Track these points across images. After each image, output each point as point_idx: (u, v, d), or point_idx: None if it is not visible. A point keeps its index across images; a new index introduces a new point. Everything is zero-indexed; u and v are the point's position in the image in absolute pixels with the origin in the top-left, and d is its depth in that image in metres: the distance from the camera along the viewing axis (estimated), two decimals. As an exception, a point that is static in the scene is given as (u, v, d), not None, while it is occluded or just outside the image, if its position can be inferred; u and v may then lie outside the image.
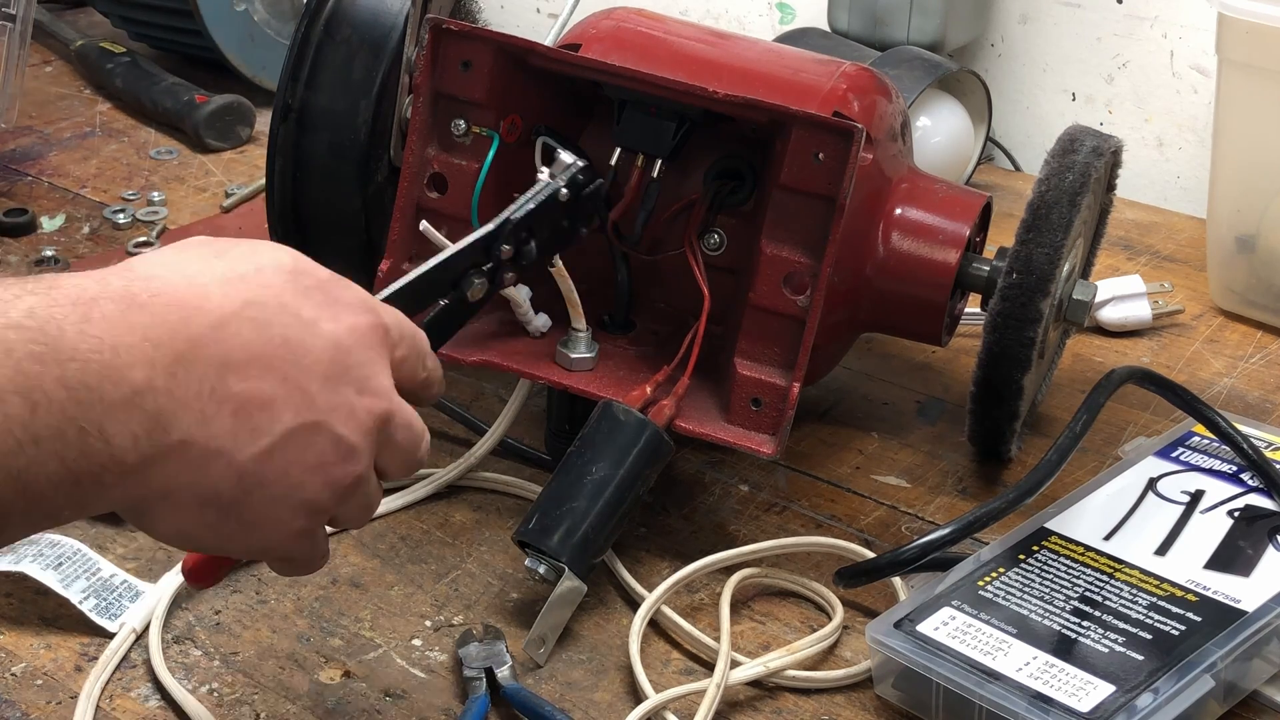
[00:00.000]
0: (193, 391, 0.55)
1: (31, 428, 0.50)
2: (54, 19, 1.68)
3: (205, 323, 0.56)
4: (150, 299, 0.55)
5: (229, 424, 0.56)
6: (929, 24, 1.34)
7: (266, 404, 0.57)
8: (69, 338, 0.52)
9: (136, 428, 0.53)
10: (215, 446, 0.56)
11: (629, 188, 0.89)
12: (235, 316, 0.57)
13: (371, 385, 0.61)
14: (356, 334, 0.61)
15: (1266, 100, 1.07)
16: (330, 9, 0.97)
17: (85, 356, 0.52)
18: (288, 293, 0.59)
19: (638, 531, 0.89)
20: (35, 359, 0.50)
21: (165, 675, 0.77)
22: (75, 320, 0.52)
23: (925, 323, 0.94)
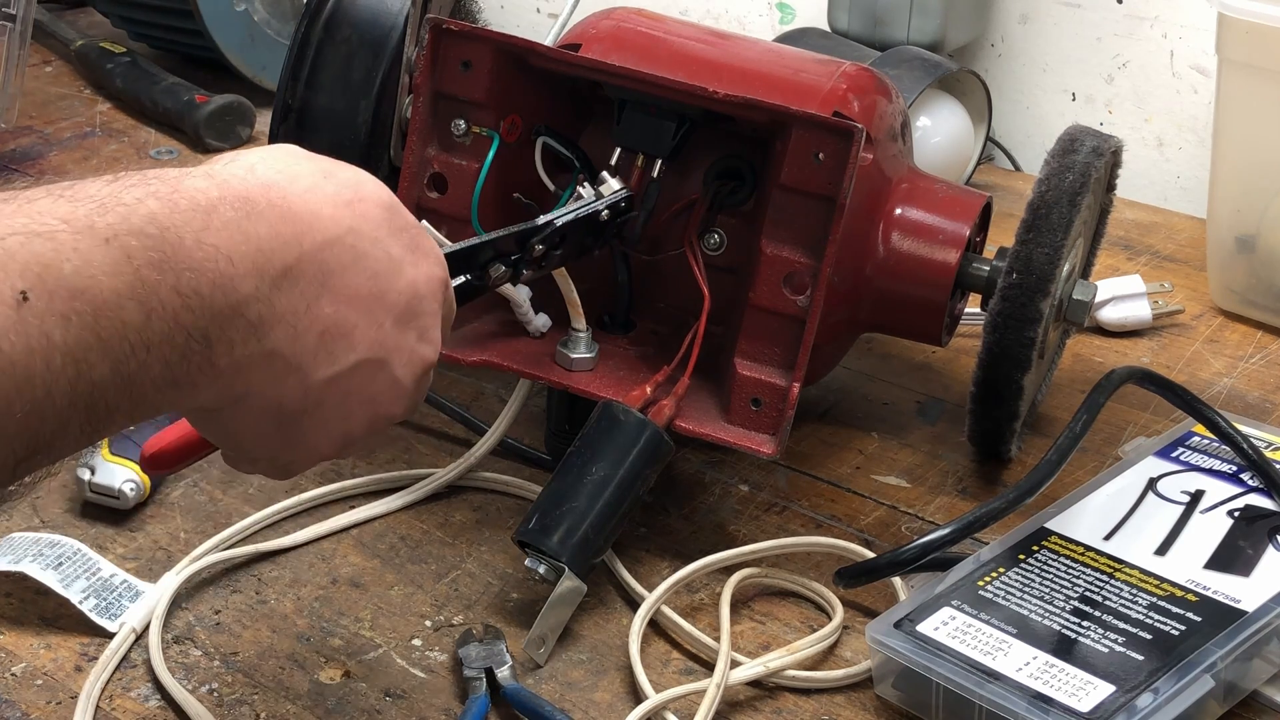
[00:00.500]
0: (290, 306, 0.57)
1: (145, 334, 0.51)
2: (54, 19, 1.68)
3: (314, 241, 0.57)
4: (268, 207, 0.56)
5: (313, 343, 0.58)
6: (929, 24, 1.34)
7: (348, 332, 0.59)
8: (187, 246, 0.53)
9: (235, 335, 0.55)
10: (297, 362, 0.58)
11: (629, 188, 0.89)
12: (338, 241, 0.58)
13: (430, 335, 0.64)
14: (431, 284, 0.63)
15: (1266, 100, 1.07)
16: (330, 9, 0.97)
17: (200, 266, 0.53)
18: (383, 229, 0.61)
19: (638, 531, 0.89)
20: (154, 266, 0.51)
21: (165, 675, 0.77)
22: (195, 228, 0.53)
23: (925, 323, 0.94)
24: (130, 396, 0.52)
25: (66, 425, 0.50)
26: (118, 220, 0.51)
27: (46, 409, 0.49)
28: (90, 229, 0.50)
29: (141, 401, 0.53)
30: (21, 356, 0.48)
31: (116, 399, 0.51)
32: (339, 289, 0.59)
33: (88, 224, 0.50)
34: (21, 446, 0.49)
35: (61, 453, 0.52)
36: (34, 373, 0.48)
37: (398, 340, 0.62)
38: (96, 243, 0.50)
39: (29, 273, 0.48)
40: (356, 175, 0.62)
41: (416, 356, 0.63)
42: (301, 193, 0.58)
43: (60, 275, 0.49)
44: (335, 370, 0.59)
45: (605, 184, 0.84)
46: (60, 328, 0.49)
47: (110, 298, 0.50)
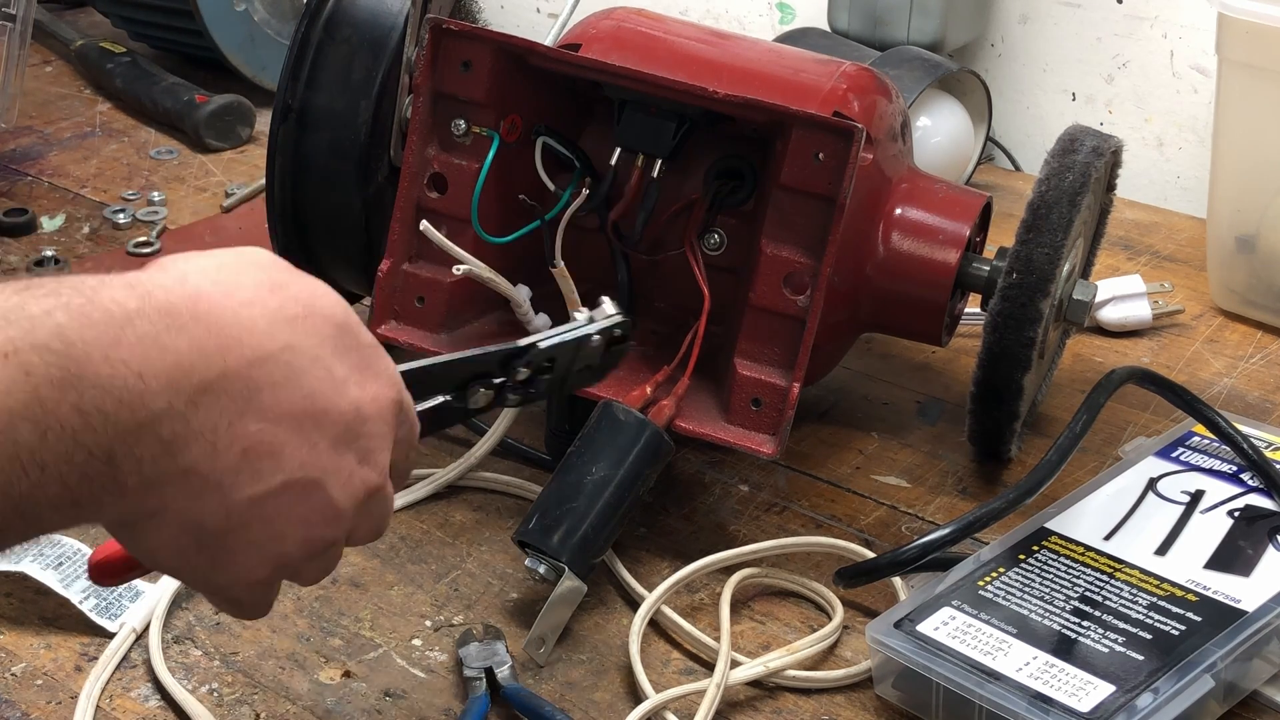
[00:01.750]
0: (210, 423, 0.54)
1: (39, 454, 0.49)
2: (54, 19, 1.68)
3: (242, 358, 0.55)
4: (192, 320, 0.53)
5: (235, 462, 0.55)
6: (929, 24, 1.34)
7: (275, 451, 0.56)
8: (94, 362, 0.50)
9: (145, 453, 0.52)
10: (215, 480, 0.55)
11: (629, 188, 0.89)
12: (271, 358, 0.56)
13: (374, 458, 0.60)
14: (377, 405, 0.60)
15: (1266, 100, 1.07)
16: (330, 9, 0.97)
17: (107, 383, 0.50)
18: (328, 346, 0.58)
19: (638, 531, 0.89)
20: (54, 385, 0.49)
21: (165, 675, 0.77)
22: (105, 343, 0.50)
23: (925, 323, 0.94)
24: (22, 517, 0.50)
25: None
26: (19, 335, 0.49)
27: None
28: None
29: (36, 521, 0.51)
30: None
31: (7, 519, 0.49)
32: (267, 407, 0.55)
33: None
34: None
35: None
36: None
37: (334, 462, 0.58)
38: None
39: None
40: (312, 289, 0.58)
41: (356, 479, 0.59)
42: (236, 306, 0.55)
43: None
44: (260, 489, 0.56)
45: (600, 308, 0.77)
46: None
47: (2, 416, 0.47)
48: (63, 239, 1.25)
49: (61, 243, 1.24)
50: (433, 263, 0.90)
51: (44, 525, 0.51)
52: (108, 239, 1.25)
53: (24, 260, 1.20)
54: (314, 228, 0.98)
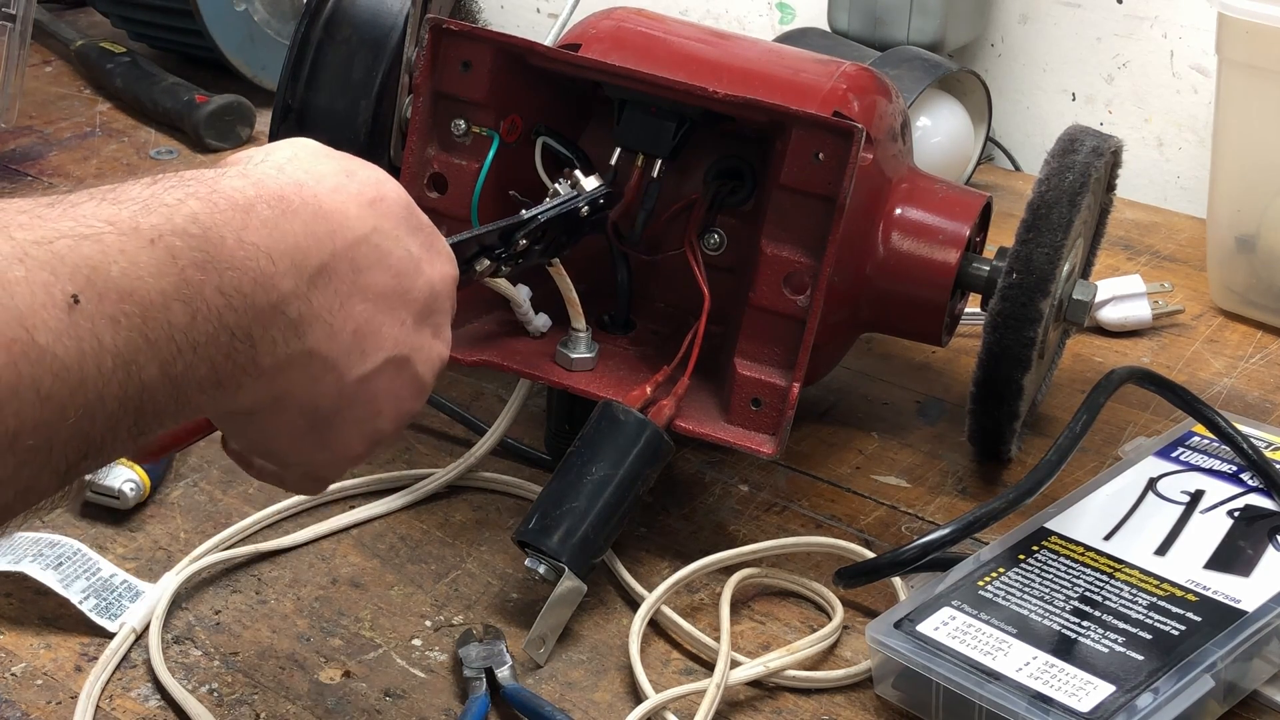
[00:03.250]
0: (327, 304, 0.58)
1: (191, 334, 0.51)
2: (54, 19, 1.68)
3: (344, 239, 0.58)
4: (301, 205, 0.57)
5: (348, 341, 0.59)
6: (929, 24, 1.34)
7: (377, 330, 0.60)
8: (229, 245, 0.53)
9: (278, 333, 0.55)
10: (333, 360, 0.59)
11: (629, 188, 0.89)
12: (365, 240, 0.59)
13: (443, 333, 0.65)
14: (445, 282, 0.65)
15: (1266, 100, 1.07)
16: (330, 9, 0.97)
17: (242, 264, 0.53)
18: (403, 227, 0.62)
19: (638, 531, 0.89)
20: (198, 267, 0.52)
21: (165, 675, 0.77)
22: (235, 227, 0.54)
23: (925, 323, 0.94)
24: (176, 398, 0.52)
25: (116, 429, 0.50)
26: (161, 221, 0.51)
27: (98, 412, 0.49)
28: (135, 230, 0.50)
29: (186, 404, 0.53)
30: (74, 360, 0.48)
31: (164, 401, 0.52)
32: (368, 287, 0.59)
33: (133, 225, 0.51)
34: (74, 451, 0.49)
35: (110, 457, 0.52)
36: (87, 376, 0.48)
37: (418, 338, 0.63)
38: (142, 244, 0.50)
39: (78, 276, 0.48)
40: (376, 174, 0.62)
41: (434, 353, 0.64)
42: (329, 191, 0.59)
43: (108, 277, 0.49)
44: (367, 368, 0.60)
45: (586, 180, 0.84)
46: (110, 331, 0.49)
47: (157, 299, 0.50)
48: (63, 239, 1.25)
49: (61, 243, 1.24)
50: (433, 263, 0.90)
51: (191, 407, 0.54)
52: (108, 239, 1.25)
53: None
54: (314, 228, 0.98)
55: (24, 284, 0.47)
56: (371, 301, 0.60)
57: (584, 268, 0.89)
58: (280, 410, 0.59)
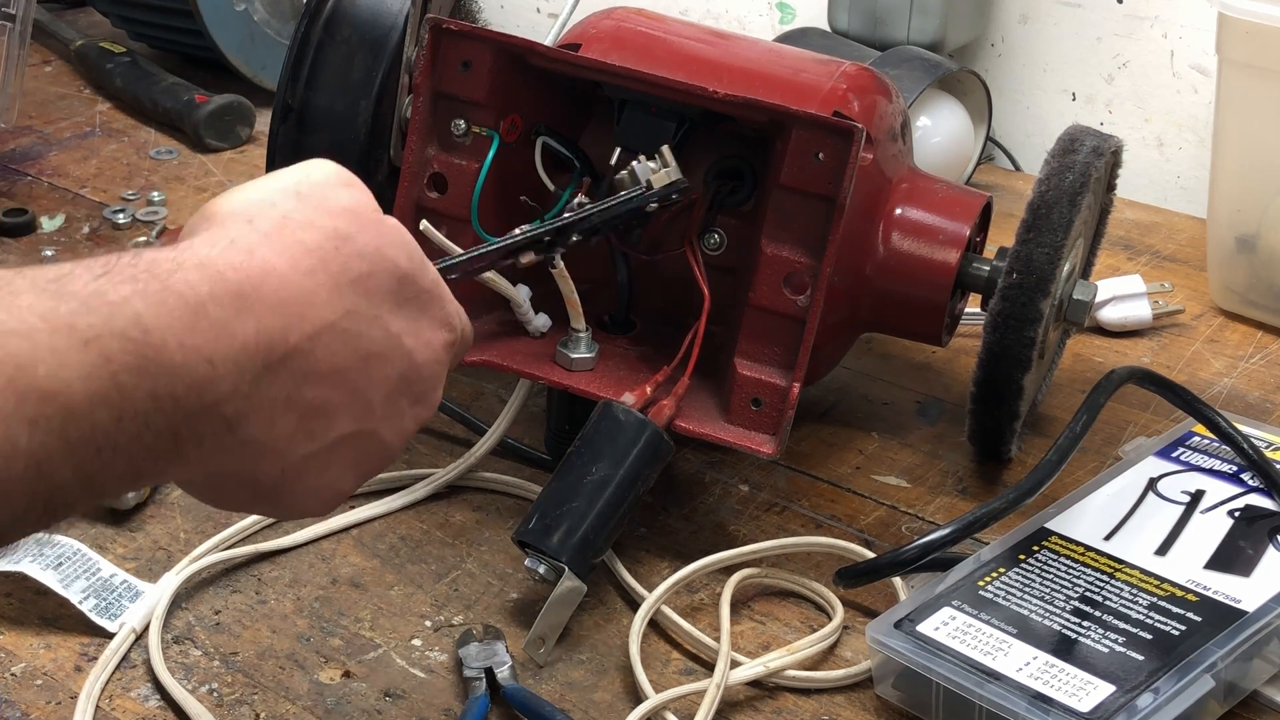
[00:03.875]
0: (269, 397, 0.55)
1: (114, 437, 0.50)
2: (54, 19, 1.68)
3: (303, 332, 0.55)
4: (258, 302, 0.54)
5: (291, 428, 0.56)
6: (929, 24, 1.34)
7: (330, 412, 0.58)
8: (169, 350, 0.51)
9: (207, 430, 0.53)
10: (272, 446, 0.56)
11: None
12: (331, 327, 0.56)
13: (427, 398, 0.62)
14: (431, 351, 0.61)
15: (1266, 100, 1.07)
16: (330, 9, 0.97)
17: (180, 370, 0.51)
18: (388, 303, 0.59)
19: (638, 531, 0.89)
20: (132, 371, 0.50)
21: (165, 675, 0.77)
22: (180, 330, 0.51)
23: (925, 323, 0.94)
24: (90, 490, 0.51)
25: (21, 520, 0.49)
26: (100, 321, 0.49)
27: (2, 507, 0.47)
28: (71, 329, 0.48)
29: (102, 493, 0.52)
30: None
31: (75, 495, 0.50)
32: (325, 374, 0.57)
33: (69, 324, 0.48)
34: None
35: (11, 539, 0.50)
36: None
37: (387, 410, 0.60)
38: (75, 344, 0.48)
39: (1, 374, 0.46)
40: (379, 239, 0.59)
41: (409, 419, 0.62)
42: (302, 274, 0.56)
43: (33, 378, 0.47)
44: (315, 448, 0.58)
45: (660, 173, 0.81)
46: (27, 433, 0.47)
47: (83, 402, 0.48)
48: (63, 239, 1.25)
49: (61, 243, 1.24)
50: (432, 262, 0.90)
51: (107, 495, 0.53)
52: (107, 239, 1.25)
53: (24, 260, 1.20)
54: (314, 228, 0.98)
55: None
56: (328, 386, 0.57)
57: (584, 268, 0.89)
58: (218, 482, 0.57)
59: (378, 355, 0.58)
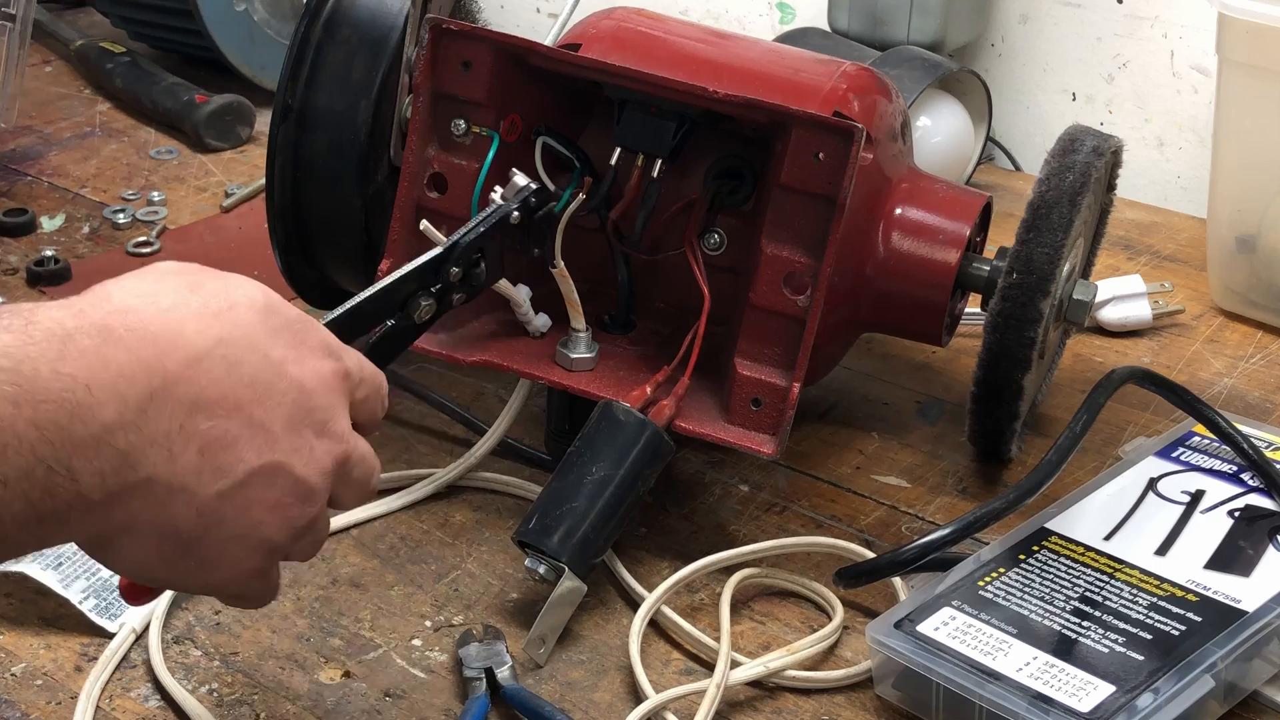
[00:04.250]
0: (162, 429, 0.55)
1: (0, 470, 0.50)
2: (54, 19, 1.68)
3: (179, 359, 0.56)
4: (126, 332, 0.55)
5: (194, 462, 0.57)
6: (929, 24, 1.34)
7: (231, 444, 0.58)
8: (43, 377, 0.51)
9: (104, 465, 0.53)
10: (179, 484, 0.56)
11: (629, 188, 0.89)
12: (208, 354, 0.57)
13: (330, 429, 0.61)
14: (319, 378, 0.61)
15: (1266, 100, 1.07)
16: (330, 9, 0.97)
17: (59, 397, 0.52)
18: (259, 332, 0.59)
19: (638, 531, 0.89)
20: (9, 400, 0.50)
21: (165, 675, 0.77)
22: (51, 358, 0.52)
23: (925, 323, 0.94)
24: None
25: None
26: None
27: None
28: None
29: (4, 539, 0.51)
30: None
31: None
32: (214, 403, 0.57)
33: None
34: None
35: None
36: None
37: (292, 442, 0.59)
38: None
39: None
40: (225, 283, 0.60)
41: (319, 452, 0.61)
42: (162, 312, 0.57)
43: None
44: (225, 484, 0.57)
45: (510, 184, 0.81)
46: None
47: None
48: (63, 239, 1.25)
49: (61, 243, 1.24)
50: (433, 263, 0.90)
51: (10, 544, 0.52)
52: (107, 239, 1.25)
53: (24, 260, 1.20)
54: (314, 227, 0.98)
55: None
56: (221, 416, 0.57)
57: (584, 268, 0.89)
58: (135, 538, 0.57)
59: (264, 382, 0.59)
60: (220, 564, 0.60)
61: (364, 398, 0.64)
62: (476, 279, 0.78)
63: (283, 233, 0.99)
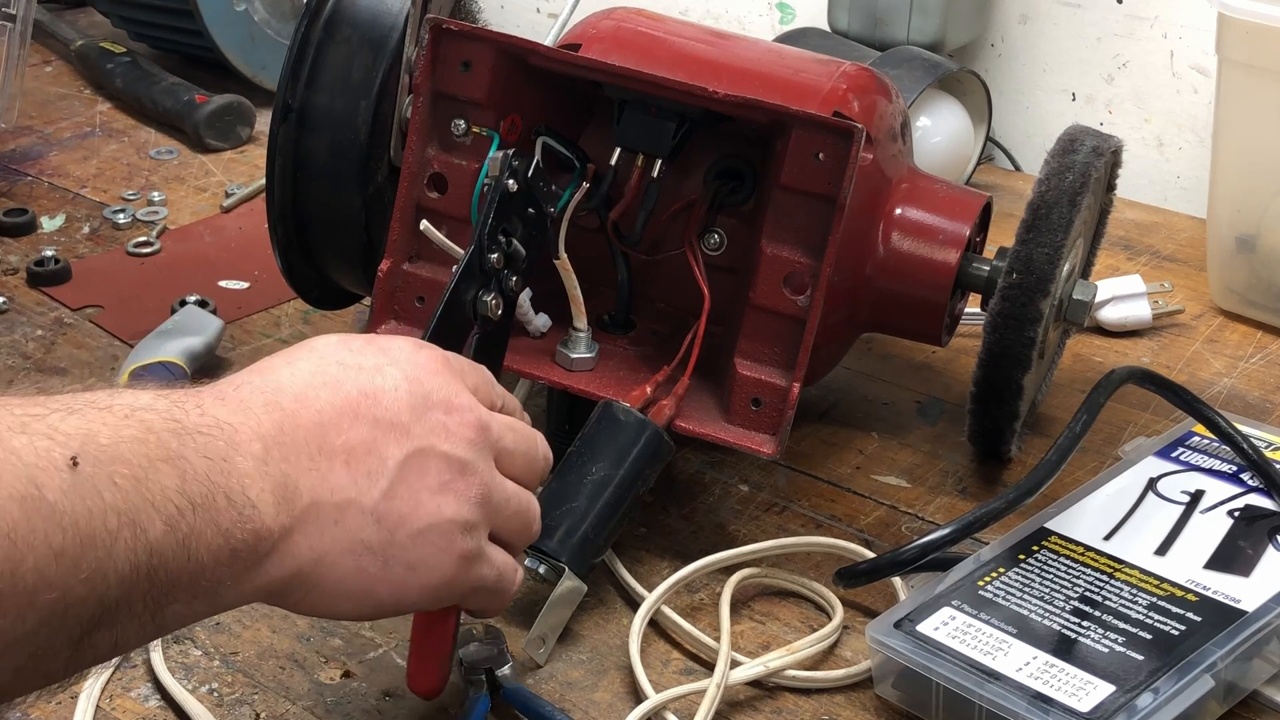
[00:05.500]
0: (303, 455, 0.59)
1: (186, 493, 0.54)
2: (54, 19, 1.68)
3: (288, 397, 0.61)
4: (234, 391, 0.60)
5: (345, 475, 0.60)
6: (929, 24, 1.34)
7: (370, 448, 0.61)
8: (192, 419, 0.56)
9: (273, 494, 0.57)
10: (342, 498, 0.60)
11: (629, 188, 0.89)
12: (309, 386, 0.61)
13: (455, 403, 0.65)
14: (420, 367, 0.65)
15: (1266, 100, 1.07)
16: (330, 9, 0.97)
17: (210, 431, 0.56)
18: (343, 351, 0.64)
19: (638, 531, 0.89)
20: (174, 434, 0.55)
21: (165, 675, 0.77)
22: (193, 406, 0.57)
23: (925, 323, 0.94)
24: (189, 564, 0.54)
25: (130, 596, 0.52)
26: (129, 400, 0.55)
27: (110, 571, 0.51)
28: (110, 409, 0.54)
29: (201, 571, 0.54)
30: (83, 517, 0.50)
31: (177, 567, 0.53)
32: (336, 421, 0.61)
33: (107, 404, 0.54)
34: (87, 613, 0.51)
35: (126, 631, 0.53)
36: (95, 532, 0.50)
37: (424, 426, 0.63)
38: (119, 419, 0.53)
39: (73, 441, 0.51)
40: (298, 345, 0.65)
41: (454, 426, 0.64)
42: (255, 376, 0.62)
43: (99, 444, 0.52)
44: (384, 483, 0.61)
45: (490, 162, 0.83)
46: (110, 489, 0.51)
47: (143, 462, 0.53)
48: (63, 239, 1.25)
49: (61, 243, 1.24)
50: (433, 263, 0.90)
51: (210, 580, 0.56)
52: (108, 239, 1.25)
53: (24, 260, 1.20)
54: (314, 228, 0.98)
55: (29, 449, 0.50)
56: (348, 429, 0.61)
57: (584, 268, 0.89)
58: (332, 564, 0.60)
59: (371, 387, 0.63)
60: (427, 561, 0.63)
61: (475, 385, 0.67)
62: (519, 259, 0.81)
63: (283, 233, 0.99)
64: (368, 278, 0.97)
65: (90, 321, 1.12)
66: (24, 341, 1.09)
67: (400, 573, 0.62)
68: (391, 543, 0.61)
